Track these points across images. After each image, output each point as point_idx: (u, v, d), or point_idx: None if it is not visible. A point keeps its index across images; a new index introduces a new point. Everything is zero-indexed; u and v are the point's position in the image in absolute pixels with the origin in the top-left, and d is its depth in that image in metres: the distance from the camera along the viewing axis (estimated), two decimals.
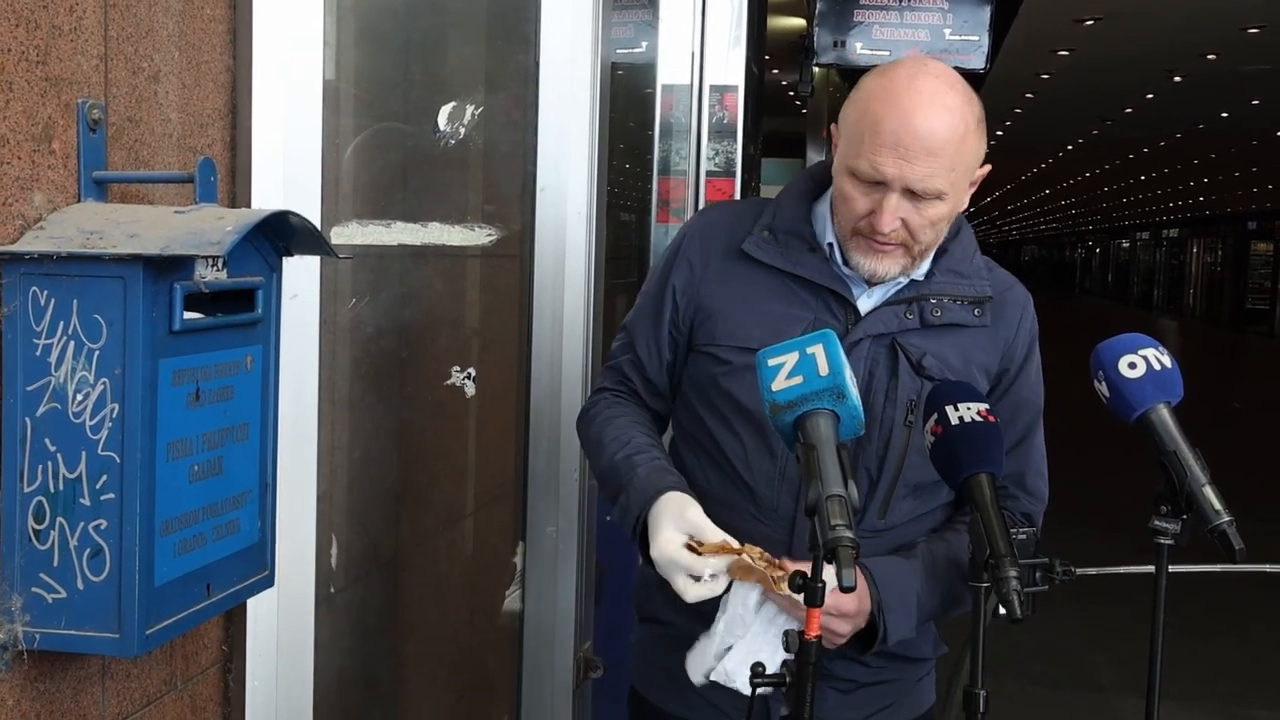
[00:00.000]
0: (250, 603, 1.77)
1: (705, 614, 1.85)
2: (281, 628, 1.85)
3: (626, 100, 3.66)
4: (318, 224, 1.84)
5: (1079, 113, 18.56)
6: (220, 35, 1.70)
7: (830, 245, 1.88)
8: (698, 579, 1.67)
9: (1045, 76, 14.61)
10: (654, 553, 1.72)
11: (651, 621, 2.05)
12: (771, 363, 1.43)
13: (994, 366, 1.94)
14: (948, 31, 4.28)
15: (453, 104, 2.39)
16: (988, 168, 1.87)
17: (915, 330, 1.87)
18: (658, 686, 2.04)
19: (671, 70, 3.21)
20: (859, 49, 4.35)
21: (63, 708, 1.46)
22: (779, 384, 1.40)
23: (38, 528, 1.34)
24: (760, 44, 4.94)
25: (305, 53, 1.80)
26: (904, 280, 1.89)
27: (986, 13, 4.25)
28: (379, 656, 2.42)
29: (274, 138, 1.75)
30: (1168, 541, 1.46)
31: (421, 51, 2.42)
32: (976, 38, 4.28)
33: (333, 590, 2.14)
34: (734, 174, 3.24)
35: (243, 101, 1.72)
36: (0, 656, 1.35)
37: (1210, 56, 12.99)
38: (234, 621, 1.79)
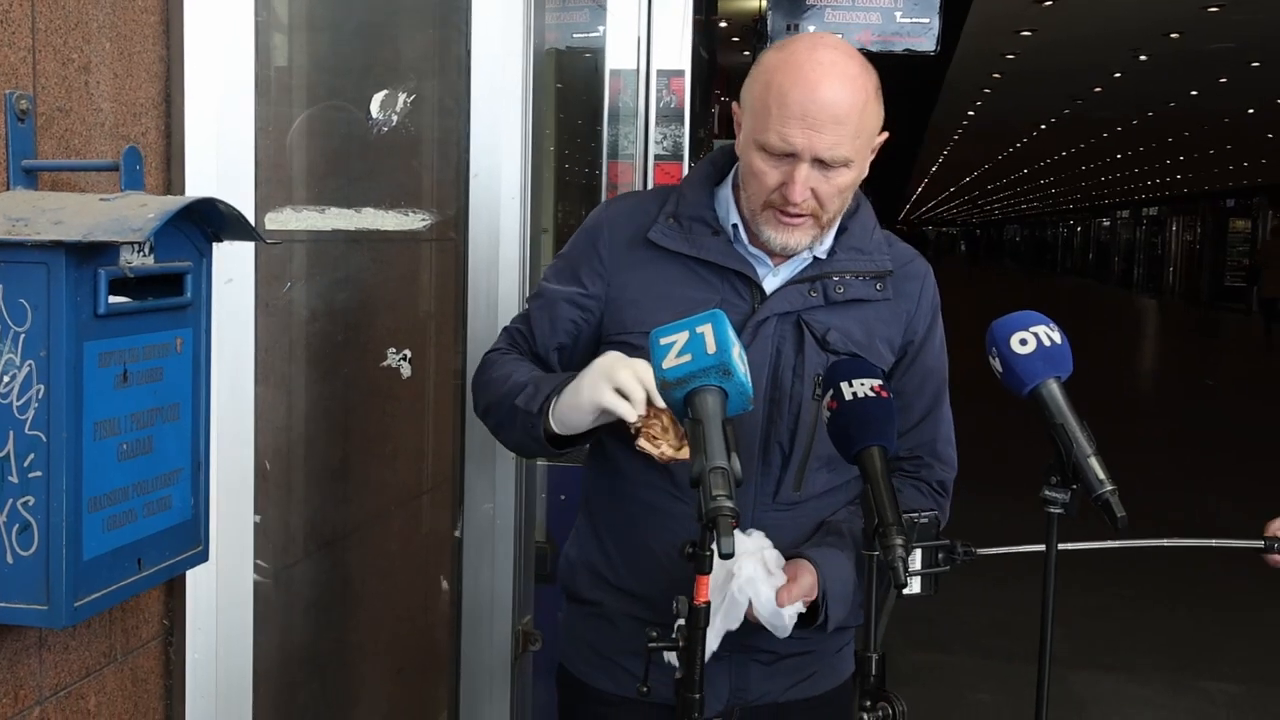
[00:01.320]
0: (190, 578, 1.82)
1: (631, 594, 1.91)
2: (221, 603, 1.90)
3: (584, 85, 3.70)
4: (252, 210, 1.89)
5: (1049, 92, 18.65)
6: (152, 26, 1.74)
7: (734, 227, 1.94)
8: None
9: (1010, 56, 14.70)
10: (598, 361, 1.77)
11: (578, 601, 2.10)
12: (663, 341, 1.49)
13: (897, 338, 2.00)
14: (898, 14, 4.33)
15: (385, 92, 2.44)
16: (885, 134, 1.93)
17: (820, 307, 1.93)
18: (585, 663, 2.09)
19: (619, 55, 3.25)
20: (812, 32, 4.41)
21: None
22: (669, 362, 1.47)
23: None
24: (711, 28, 4.98)
25: (237, 42, 1.85)
26: (807, 259, 1.95)
27: None
28: (319, 631, 2.47)
29: (207, 126, 1.79)
30: (1057, 511, 1.53)
31: (354, 40, 2.47)
32: (927, 20, 4.34)
33: (272, 566, 2.20)
34: (682, 158, 3.29)
35: (175, 91, 1.76)
36: None
37: (1174, 35, 13.10)
38: (174, 596, 1.84)
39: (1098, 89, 18.14)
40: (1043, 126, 25.12)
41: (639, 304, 1.92)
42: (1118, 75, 16.49)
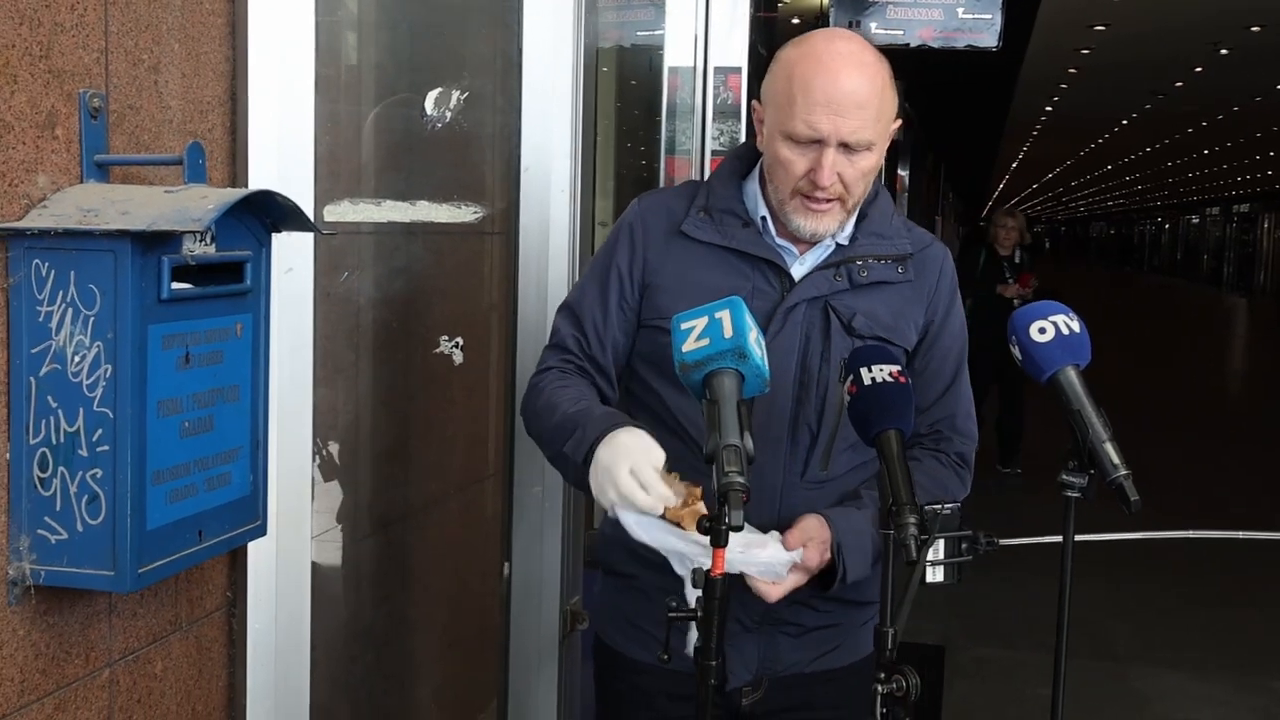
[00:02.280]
0: (251, 552, 1.92)
1: (663, 568, 1.99)
2: (280, 577, 2.00)
3: (646, 81, 3.77)
4: (311, 202, 1.99)
5: (1128, 86, 18.39)
6: (219, 28, 1.84)
7: (763, 219, 2.01)
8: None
9: (1085, 51, 14.53)
10: (611, 447, 1.81)
11: (614, 574, 2.19)
12: (684, 326, 1.57)
13: (920, 317, 2.08)
14: (961, 10, 4.36)
15: (439, 89, 2.53)
16: (900, 121, 2.02)
17: (846, 291, 2.01)
18: (619, 633, 2.18)
19: (677, 53, 3.32)
20: (874, 29, 4.44)
21: (71, 639, 1.61)
22: (689, 345, 1.54)
23: (42, 476, 1.49)
24: (772, 24, 5.02)
25: (298, 43, 1.94)
26: (832, 245, 2.03)
27: None
28: (374, 605, 2.57)
29: (269, 122, 1.89)
30: (1074, 494, 1.57)
31: (410, 39, 2.57)
32: (989, 16, 4.36)
33: (329, 543, 2.30)
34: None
35: (240, 89, 1.86)
36: (11, 591, 1.50)
37: (1255, 28, 12.87)
38: (237, 569, 1.94)
39: (1179, 83, 17.86)
40: (1124, 122, 24.75)
41: (673, 291, 2.00)
42: (1198, 69, 16.23)
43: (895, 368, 1.62)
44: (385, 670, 2.63)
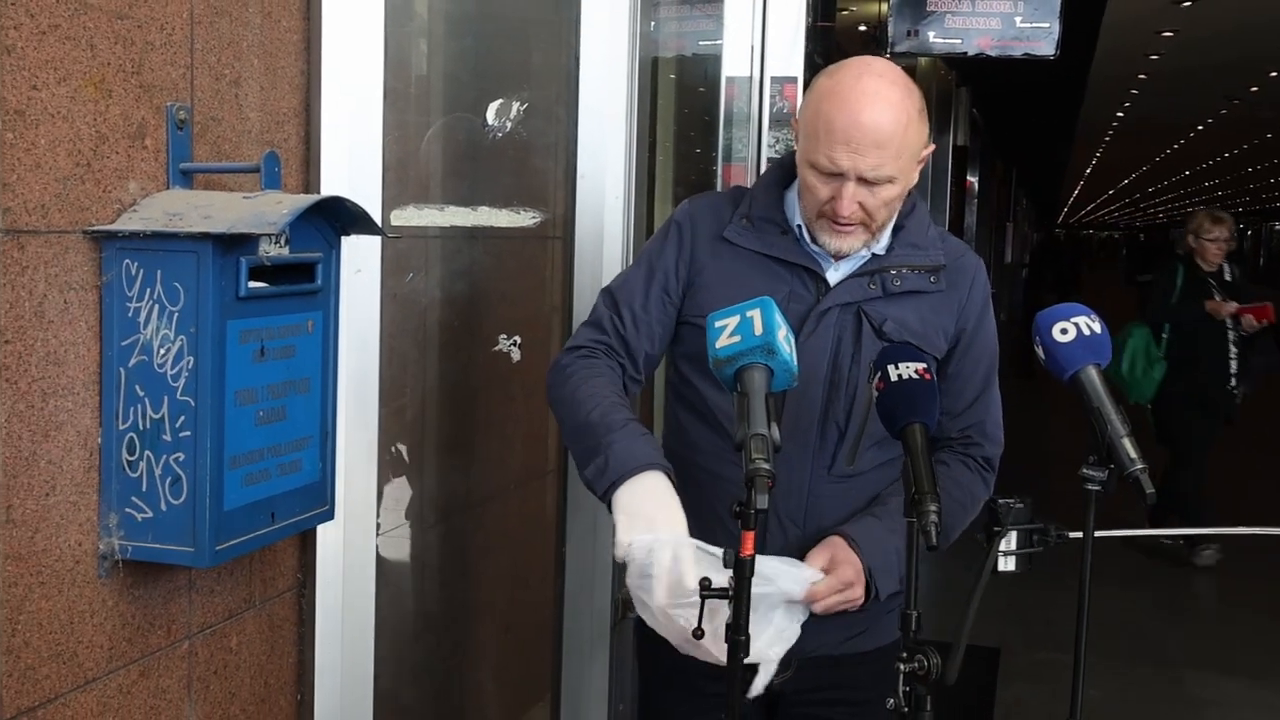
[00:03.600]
0: (319, 537, 2.04)
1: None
2: (347, 561, 2.12)
3: (706, 90, 3.86)
4: (379, 207, 2.11)
5: (1201, 91, 18.15)
6: (295, 44, 1.96)
7: (799, 227, 2.11)
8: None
9: (1154, 57, 14.39)
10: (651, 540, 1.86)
11: None
12: (717, 324, 1.68)
13: (951, 327, 2.16)
14: (1018, 19, 4.39)
15: (500, 100, 2.66)
16: (932, 147, 2.10)
17: (879, 298, 2.10)
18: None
19: (735, 63, 3.41)
20: (932, 38, 4.50)
21: (154, 612, 1.74)
22: (721, 341, 1.65)
23: (130, 459, 1.62)
24: (829, 35, 5.09)
25: (368, 57, 2.07)
26: (867, 255, 2.11)
27: (1057, 0, 4.36)
28: (434, 590, 2.70)
29: (341, 132, 2.01)
30: (1095, 488, 1.65)
31: (473, 53, 2.70)
32: (1047, 25, 4.39)
33: (394, 531, 2.42)
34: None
35: (314, 101, 1.98)
36: (101, 564, 1.64)
37: None
38: (306, 552, 2.06)
39: (1254, 88, 17.60)
40: (1199, 127, 24.43)
41: (714, 291, 2.09)
42: (1274, 74, 16.00)
43: (921, 365, 1.71)
44: (445, 654, 2.75)
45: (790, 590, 1.89)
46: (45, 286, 1.52)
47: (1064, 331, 1.72)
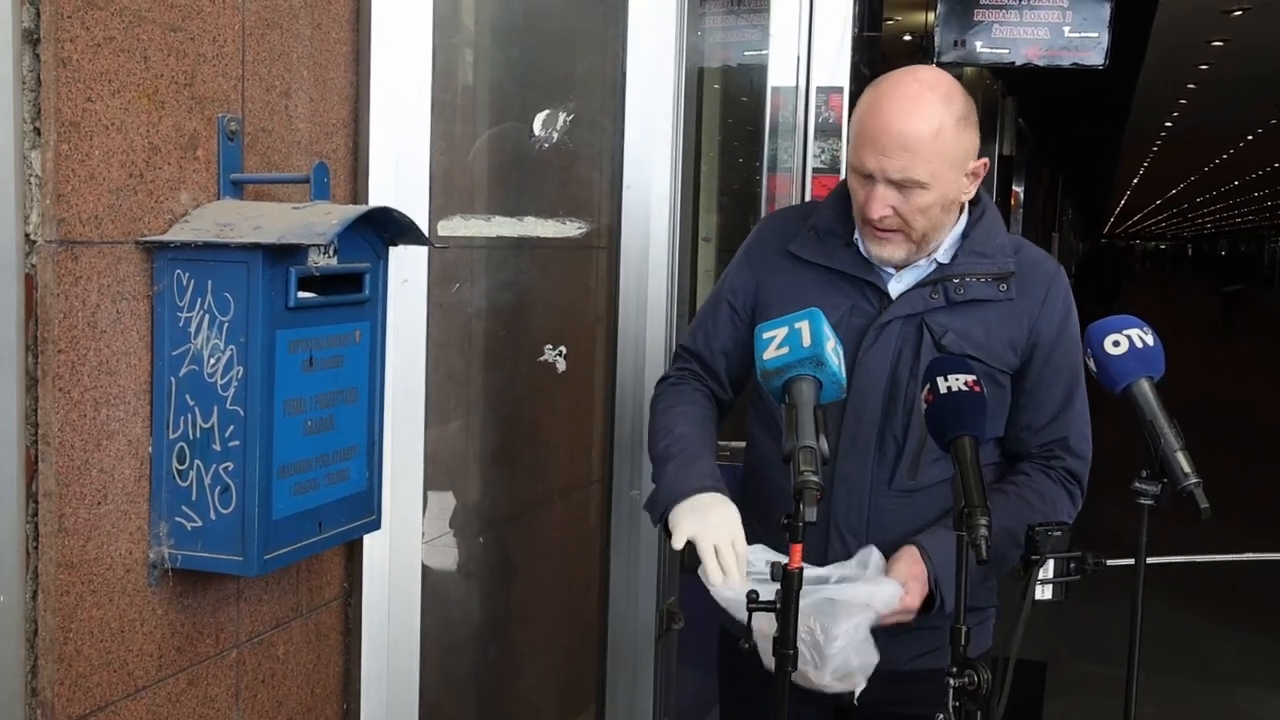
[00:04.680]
0: (366, 546, 2.04)
1: None
2: (393, 570, 2.12)
3: (751, 100, 3.86)
4: (426, 218, 2.12)
5: (1252, 101, 17.95)
6: (344, 56, 1.97)
7: (858, 239, 2.11)
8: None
9: (1204, 67, 14.25)
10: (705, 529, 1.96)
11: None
12: (766, 335, 1.67)
13: (1021, 338, 2.11)
14: (1067, 29, 4.37)
15: (547, 111, 2.66)
16: (984, 161, 2.09)
17: (941, 309, 2.08)
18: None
19: (780, 73, 3.41)
20: (979, 48, 4.48)
21: (203, 620, 1.75)
22: (769, 353, 1.64)
23: (180, 468, 1.63)
24: (874, 45, 5.07)
25: (416, 69, 2.07)
26: (931, 265, 2.11)
27: (1106, 10, 4.33)
28: (479, 600, 2.69)
29: (388, 143, 2.02)
30: (1148, 502, 1.62)
31: (520, 64, 2.71)
32: (1096, 34, 4.37)
33: (439, 541, 2.42)
34: (839, 171, 3.43)
35: (363, 113, 1.99)
36: (151, 573, 1.64)
37: None
38: (353, 561, 2.06)
39: None
40: (1249, 137, 24.16)
41: (781, 306, 2.09)
42: None
43: (970, 377, 1.69)
44: (490, 664, 2.75)
45: (879, 608, 1.89)
46: (98, 297, 1.53)
47: (1116, 344, 1.70)
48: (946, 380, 1.67)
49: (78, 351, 1.51)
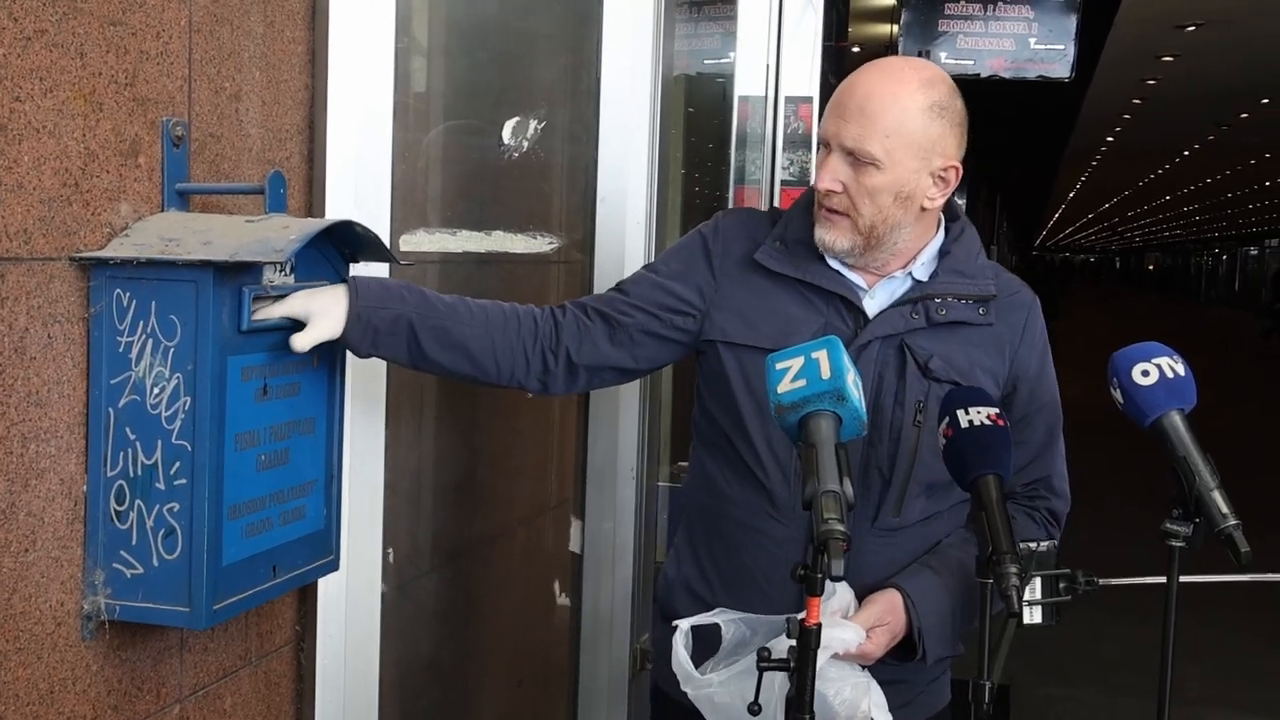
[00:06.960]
0: (321, 587, 1.89)
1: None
2: (350, 611, 1.97)
3: (714, 110, 3.74)
4: (387, 232, 1.97)
5: (1192, 118, 18.18)
6: (299, 56, 1.82)
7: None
8: None
9: (1152, 82, 14.38)
10: None
11: (672, 619, 2.09)
12: (779, 366, 1.51)
13: (1001, 370, 1.98)
14: (1033, 40, 4.31)
15: (516, 119, 2.51)
16: (954, 165, 1.93)
17: (922, 330, 1.94)
18: (675, 683, 2.08)
19: (748, 82, 3.29)
20: (944, 59, 4.39)
21: (143, 675, 1.59)
22: (784, 386, 1.48)
23: (118, 509, 1.47)
24: (841, 53, 4.99)
25: (377, 72, 1.92)
26: (909, 282, 1.96)
27: (1073, 22, 4.27)
28: (442, 642, 2.54)
29: (347, 151, 1.87)
30: (1179, 544, 1.51)
31: (488, 69, 2.56)
32: (1062, 46, 4.31)
33: (398, 578, 2.26)
34: (808, 183, 3.31)
35: (319, 118, 1.85)
36: (85, 625, 1.48)
37: None
38: (306, 603, 1.91)
39: (1244, 114, 17.63)
40: (1185, 153, 24.48)
41: (743, 315, 1.96)
42: (1265, 101, 16.01)
43: (994, 410, 1.56)
44: (452, 704, 2.59)
45: (835, 649, 1.73)
46: (27, 320, 1.37)
47: (1145, 374, 1.58)
48: (968, 413, 1.54)
49: (3, 381, 1.34)
